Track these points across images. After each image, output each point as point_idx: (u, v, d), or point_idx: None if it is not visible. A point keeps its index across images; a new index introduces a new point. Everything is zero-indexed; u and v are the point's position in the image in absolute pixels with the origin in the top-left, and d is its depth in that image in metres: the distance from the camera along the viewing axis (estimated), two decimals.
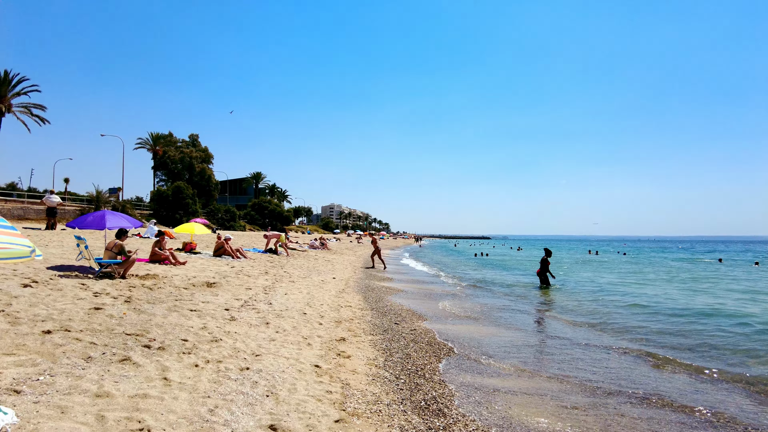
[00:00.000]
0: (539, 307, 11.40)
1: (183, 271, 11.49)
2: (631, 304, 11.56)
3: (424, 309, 10.10)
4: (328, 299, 9.83)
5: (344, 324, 7.41)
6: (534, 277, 19.58)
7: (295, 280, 12.51)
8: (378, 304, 10.09)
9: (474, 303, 11.47)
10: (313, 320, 7.36)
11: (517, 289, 14.71)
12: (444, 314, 9.58)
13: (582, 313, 10.26)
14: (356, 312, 8.76)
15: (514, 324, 8.79)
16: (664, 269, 27.03)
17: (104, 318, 5.63)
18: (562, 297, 13.02)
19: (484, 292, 14.03)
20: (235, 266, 13.80)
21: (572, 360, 6.22)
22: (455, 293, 13.58)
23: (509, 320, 9.19)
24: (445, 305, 10.88)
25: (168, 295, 7.85)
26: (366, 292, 12.09)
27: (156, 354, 4.56)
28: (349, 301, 10.00)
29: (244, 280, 11.13)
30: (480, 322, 8.93)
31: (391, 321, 8.16)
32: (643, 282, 18.52)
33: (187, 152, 76.09)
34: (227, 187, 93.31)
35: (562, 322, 9.24)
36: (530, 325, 8.98)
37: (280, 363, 4.87)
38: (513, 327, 8.49)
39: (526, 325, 8.89)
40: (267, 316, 7.12)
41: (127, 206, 53.33)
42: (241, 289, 9.58)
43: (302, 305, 8.63)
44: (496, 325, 8.64)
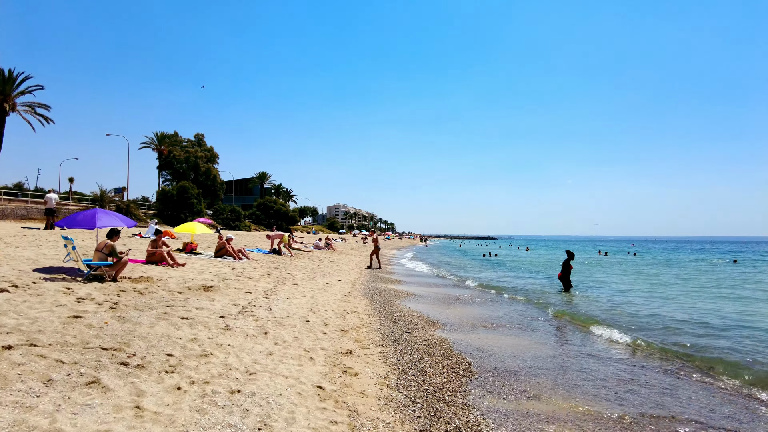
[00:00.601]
0: (563, 315, 10.57)
1: (180, 273, 10.87)
2: (665, 314, 10.69)
3: (437, 315, 9.41)
4: (333, 304, 9.17)
5: (351, 333, 6.74)
6: (550, 281, 18.86)
7: (298, 282, 11.87)
8: (387, 310, 9.41)
9: (490, 309, 10.73)
10: (316, 329, 6.69)
11: (535, 293, 13.93)
12: (459, 321, 8.88)
13: (612, 323, 9.48)
14: (363, 319, 8.09)
15: (537, 334, 8.02)
16: (682, 271, 26.13)
17: (81, 329, 4.99)
18: (586, 303, 12.18)
19: (500, 297, 13.31)
20: (236, 268, 13.18)
21: (608, 378, 5.50)
22: (468, 297, 12.87)
23: (531, 329, 8.42)
24: (458, 311, 10.18)
25: (159, 300, 7.22)
26: (373, 296, 11.41)
27: (132, 374, 3.90)
28: (356, 306, 9.33)
29: (244, 283, 10.49)
30: (499, 331, 8.21)
31: (401, 329, 7.48)
32: (669, 286, 17.48)
33: (193, 152, 75.82)
34: (233, 187, 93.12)
35: (590, 332, 8.48)
36: (555, 336, 8.09)
37: (277, 384, 4.21)
38: (536, 337, 7.69)
39: (549, 335, 8.04)
40: (266, 325, 6.46)
41: (131, 206, 53.14)
42: (240, 293, 8.94)
43: (305, 311, 7.97)
44: (517, 334, 7.89)
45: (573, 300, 12.89)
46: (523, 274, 22.74)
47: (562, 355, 6.54)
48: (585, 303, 12.32)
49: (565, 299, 12.96)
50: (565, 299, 13.01)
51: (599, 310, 10.99)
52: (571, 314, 10.10)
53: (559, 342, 7.55)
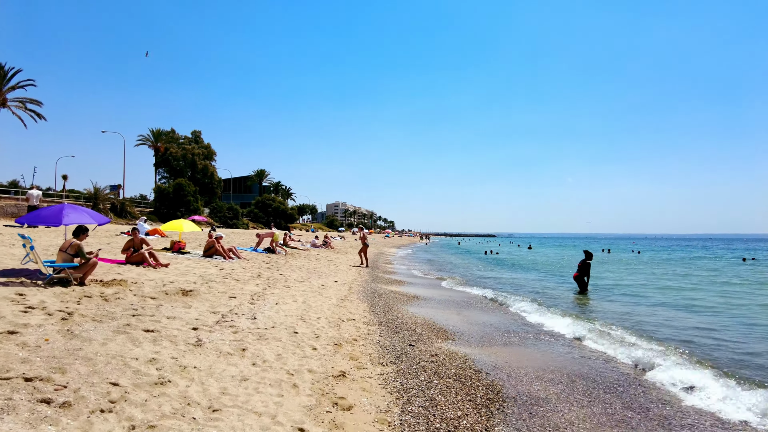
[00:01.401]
0: (589, 323, 9.26)
1: (161, 274, 9.91)
2: (702, 322, 9.69)
3: (443, 322, 8.45)
4: (327, 310, 8.20)
5: (345, 348, 5.76)
6: (561, 280, 17.91)
7: (290, 284, 10.90)
8: (387, 316, 8.44)
9: (504, 316, 9.67)
10: (305, 342, 5.73)
11: (549, 296, 12.95)
12: (468, 330, 7.90)
13: (640, 331, 8.49)
14: (360, 328, 7.11)
15: (560, 346, 7.05)
16: (694, 269, 25.21)
17: (9, 349, 4.03)
18: (609, 307, 11.15)
19: (512, 300, 12.35)
20: (224, 268, 12.22)
21: (666, 404, 4.54)
22: (476, 300, 11.91)
23: (553, 341, 7.44)
24: (466, 317, 9.21)
25: (126, 308, 6.25)
26: (372, 299, 10.45)
27: (50, 418, 2.93)
28: (353, 312, 8.36)
29: (230, 285, 9.53)
30: (518, 343, 7.22)
31: (404, 341, 6.50)
32: (689, 288, 16.24)
33: (190, 149, 74.77)
34: (231, 185, 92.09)
35: (622, 341, 7.47)
36: (587, 350, 6.86)
37: (246, 426, 3.24)
38: (566, 352, 6.65)
39: (574, 348, 7.00)
40: (246, 339, 5.49)
41: (126, 203, 52.10)
42: (223, 298, 7.97)
43: (294, 319, 7.01)
44: (541, 348, 6.85)
45: (588, 302, 11.94)
46: (529, 273, 21.80)
47: (600, 375, 5.56)
48: (606, 306, 11.36)
49: (581, 301, 11.99)
50: (580, 301, 12.05)
51: (621, 315, 10.04)
52: (598, 322, 9.05)
53: (593, 357, 6.56)
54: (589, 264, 13.13)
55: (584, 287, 13.17)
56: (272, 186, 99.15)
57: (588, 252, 13.26)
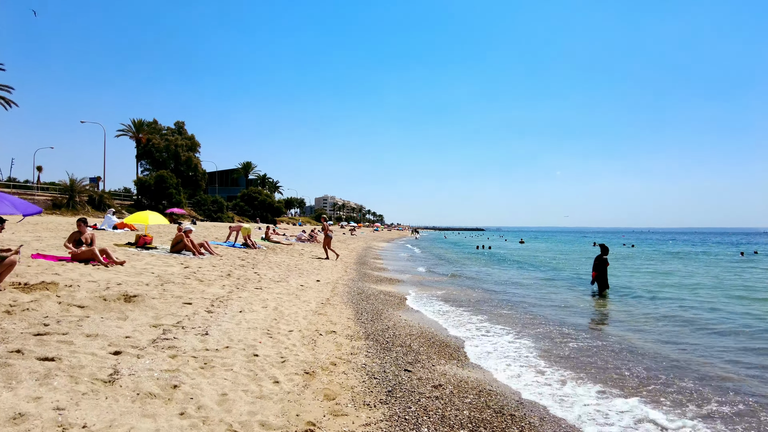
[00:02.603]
0: (625, 332, 7.55)
1: (110, 274, 8.37)
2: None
3: (443, 331, 7.06)
4: (302, 319, 6.75)
5: (320, 379, 4.29)
6: (556, 274, 16.65)
7: (264, 285, 9.42)
8: (376, 326, 7.00)
9: (519, 324, 8.09)
10: (265, 372, 4.26)
11: (561, 296, 11.61)
12: (474, 341, 6.53)
13: (675, 336, 7.21)
14: (342, 345, 5.66)
15: (620, 366, 5.50)
16: (702, 265, 24.21)
17: None
18: (634, 309, 9.84)
19: (520, 298, 11.01)
20: (190, 266, 10.69)
21: None
22: (477, 300, 10.55)
23: (584, 354, 6.05)
24: (470, 322, 7.84)
25: (33, 323, 4.74)
26: (359, 303, 9.01)
27: None
28: (334, 322, 6.91)
29: (189, 287, 8.02)
30: (536, 359, 5.87)
31: (398, 363, 5.06)
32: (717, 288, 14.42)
33: (173, 140, 72.43)
34: (216, 178, 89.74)
35: (676, 357, 6.13)
36: (645, 371, 5.29)
37: None
38: (625, 376, 5.10)
39: (610, 369, 5.42)
40: (184, 368, 4.02)
41: (105, 196, 50.00)
42: (175, 305, 6.47)
43: (258, 334, 5.55)
44: (581, 367, 5.42)
45: (607, 304, 10.62)
46: (527, 270, 20.53)
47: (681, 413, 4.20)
48: (631, 309, 10.06)
49: (602, 305, 10.61)
50: (601, 305, 10.66)
51: (647, 319, 8.74)
52: (637, 331, 7.68)
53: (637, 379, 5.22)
54: (606, 259, 11.82)
55: (604, 286, 11.83)
56: (259, 179, 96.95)
57: (604, 246, 11.93)
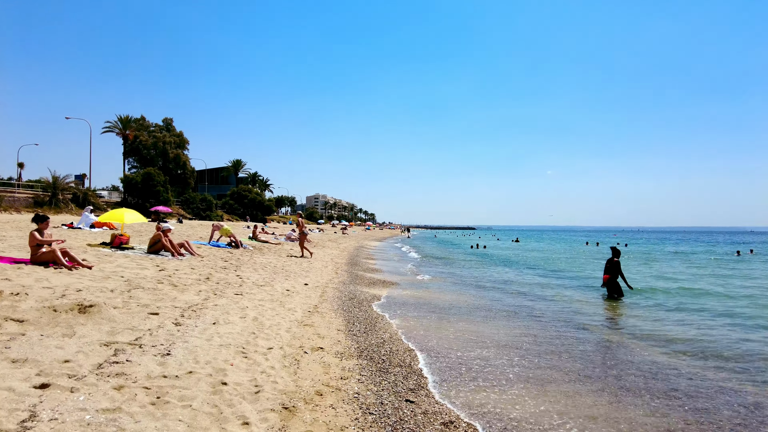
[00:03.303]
0: (648, 343, 6.77)
1: (73, 279, 7.46)
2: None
3: (444, 343, 6.26)
4: (285, 332, 5.90)
5: (302, 416, 3.40)
6: (555, 275, 15.96)
7: (246, 290, 8.55)
8: (370, 339, 6.17)
9: (522, 333, 7.49)
10: (233, 409, 3.40)
11: (573, 302, 10.80)
12: (481, 356, 5.73)
13: (712, 353, 6.43)
14: (331, 366, 4.81)
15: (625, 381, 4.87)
16: (698, 265, 23.70)
17: None
18: (644, 313, 9.15)
19: (529, 301, 10.22)
20: (166, 268, 9.79)
21: None
22: (480, 306, 9.77)
23: (610, 374, 5.24)
24: (473, 333, 7.03)
25: None
26: (350, 310, 8.18)
27: None
28: (322, 334, 6.07)
29: (160, 294, 7.14)
30: (557, 383, 5.09)
31: (398, 392, 4.21)
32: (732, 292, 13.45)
33: (161, 137, 71.01)
34: (206, 176, 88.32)
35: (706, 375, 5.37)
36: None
37: None
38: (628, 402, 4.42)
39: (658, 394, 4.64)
40: (126, 408, 3.14)
41: (90, 194, 48.54)
42: (138, 316, 5.59)
43: (232, 352, 4.70)
44: (590, 390, 4.74)
45: (621, 309, 9.89)
46: (526, 271, 19.82)
47: None
48: (643, 312, 9.34)
49: (617, 311, 9.86)
50: (616, 310, 9.91)
51: (670, 325, 8.02)
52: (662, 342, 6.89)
53: None
54: (618, 263, 11.15)
55: (617, 291, 11.15)
56: (249, 177, 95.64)
57: (615, 249, 11.27)
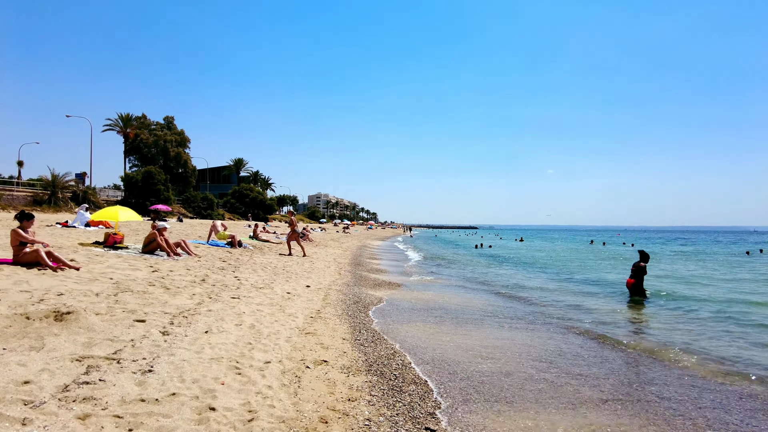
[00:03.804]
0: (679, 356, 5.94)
1: (55, 282, 6.90)
2: None
3: (464, 355, 5.66)
4: (284, 342, 5.30)
5: None
6: (594, 284, 15.23)
7: (243, 293, 7.97)
8: (379, 350, 5.54)
9: (562, 351, 6.75)
10: None
11: (595, 308, 10.11)
12: (515, 371, 5.13)
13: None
14: (337, 382, 4.22)
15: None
16: (716, 264, 23.04)
17: None
18: (674, 322, 8.39)
19: (546, 307, 9.56)
20: (159, 269, 9.22)
21: None
22: (495, 310, 9.17)
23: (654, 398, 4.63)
24: (495, 340, 6.43)
25: None
26: (356, 315, 7.59)
27: None
28: (326, 344, 5.48)
29: (150, 298, 6.56)
30: (600, 407, 4.49)
31: (415, 417, 3.55)
32: None
33: (161, 135, 70.56)
34: (207, 175, 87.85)
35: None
36: None
37: None
38: None
39: None
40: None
41: (89, 192, 48.03)
42: (124, 323, 5.01)
43: (223, 369, 4.11)
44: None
45: (645, 315, 9.24)
46: (536, 272, 19.18)
47: None
48: (670, 318, 8.70)
49: (642, 315, 9.23)
50: (639, 314, 9.28)
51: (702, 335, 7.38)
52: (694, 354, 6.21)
53: None
54: (644, 267, 10.60)
55: (640, 293, 10.66)
56: (251, 176, 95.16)
57: (644, 252, 10.68)
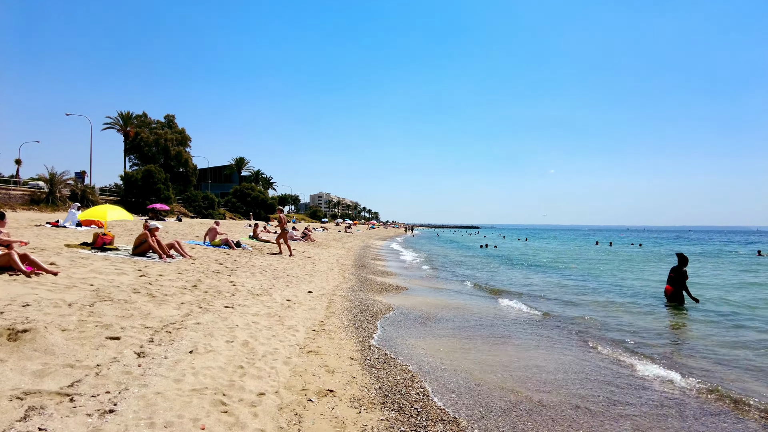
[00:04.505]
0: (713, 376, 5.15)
1: (25, 289, 6.09)
2: None
3: (502, 389, 4.83)
4: (283, 363, 4.47)
5: None
6: (618, 290, 14.31)
7: (238, 301, 7.15)
8: (394, 374, 4.67)
9: (610, 384, 5.65)
10: None
11: (637, 319, 8.77)
12: (560, 410, 4.30)
13: None
14: (346, 422, 3.36)
15: None
16: (734, 265, 22.13)
17: None
18: (726, 334, 7.48)
19: (575, 323, 8.62)
20: (148, 273, 8.40)
21: None
22: (519, 318, 8.33)
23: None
24: (546, 377, 5.60)
25: None
26: (364, 327, 6.75)
27: None
28: (331, 367, 4.64)
29: (132, 308, 5.73)
30: None
31: None
32: None
33: (162, 134, 69.81)
34: (209, 174, 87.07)
35: None
36: None
37: None
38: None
39: None
40: None
41: (88, 191, 47.28)
42: (94, 342, 4.18)
43: (206, 404, 3.28)
44: None
45: (688, 326, 8.36)
46: (549, 273, 18.33)
47: None
48: (723, 334, 7.77)
49: (684, 322, 8.37)
50: (683, 322, 8.41)
51: None
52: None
53: None
54: (685, 272, 9.76)
55: (680, 299, 9.85)
56: (252, 175, 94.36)
57: (682, 256, 9.80)
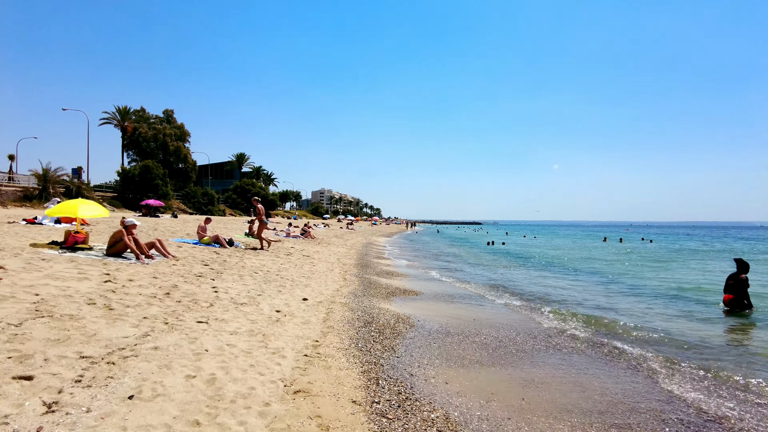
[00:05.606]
0: None
1: None
2: None
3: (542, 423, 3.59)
4: (257, 413, 3.18)
5: None
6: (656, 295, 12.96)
7: (216, 313, 5.88)
8: (411, 428, 3.49)
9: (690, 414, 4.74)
10: None
11: (697, 331, 7.54)
12: None
13: None
14: None
15: None
16: None
17: None
18: None
19: (620, 337, 7.42)
20: (116, 278, 7.14)
21: None
22: (561, 334, 7.08)
23: None
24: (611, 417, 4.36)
25: None
26: (370, 348, 5.47)
27: None
28: (324, 420, 3.31)
29: (75, 327, 4.47)
30: None
31: None
32: None
33: (161, 129, 68.55)
34: (209, 170, 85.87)
35: None
36: None
37: None
38: None
39: None
40: None
41: (84, 188, 46.10)
42: (15, 385, 2.95)
43: None
44: None
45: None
46: (570, 273, 17.05)
47: None
48: None
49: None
50: None
51: None
52: None
53: None
54: (746, 279, 8.54)
55: (741, 306, 8.73)
56: (253, 171, 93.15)
57: (742, 261, 8.59)
